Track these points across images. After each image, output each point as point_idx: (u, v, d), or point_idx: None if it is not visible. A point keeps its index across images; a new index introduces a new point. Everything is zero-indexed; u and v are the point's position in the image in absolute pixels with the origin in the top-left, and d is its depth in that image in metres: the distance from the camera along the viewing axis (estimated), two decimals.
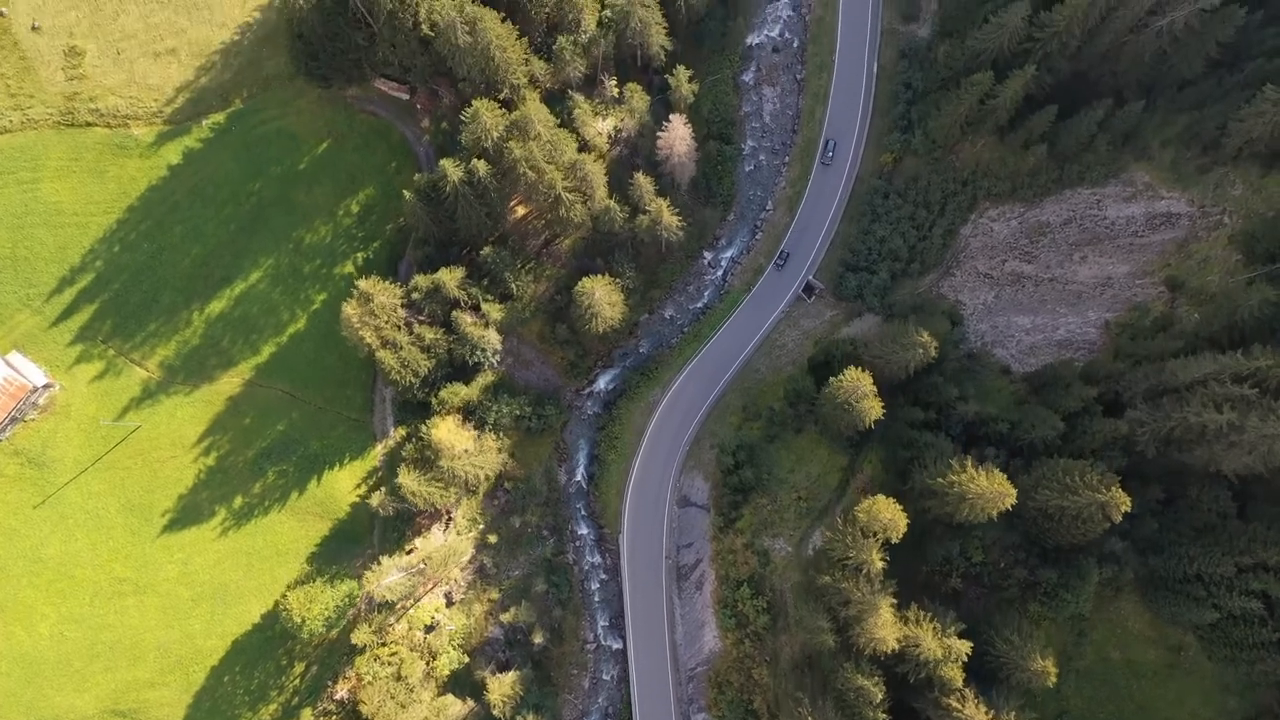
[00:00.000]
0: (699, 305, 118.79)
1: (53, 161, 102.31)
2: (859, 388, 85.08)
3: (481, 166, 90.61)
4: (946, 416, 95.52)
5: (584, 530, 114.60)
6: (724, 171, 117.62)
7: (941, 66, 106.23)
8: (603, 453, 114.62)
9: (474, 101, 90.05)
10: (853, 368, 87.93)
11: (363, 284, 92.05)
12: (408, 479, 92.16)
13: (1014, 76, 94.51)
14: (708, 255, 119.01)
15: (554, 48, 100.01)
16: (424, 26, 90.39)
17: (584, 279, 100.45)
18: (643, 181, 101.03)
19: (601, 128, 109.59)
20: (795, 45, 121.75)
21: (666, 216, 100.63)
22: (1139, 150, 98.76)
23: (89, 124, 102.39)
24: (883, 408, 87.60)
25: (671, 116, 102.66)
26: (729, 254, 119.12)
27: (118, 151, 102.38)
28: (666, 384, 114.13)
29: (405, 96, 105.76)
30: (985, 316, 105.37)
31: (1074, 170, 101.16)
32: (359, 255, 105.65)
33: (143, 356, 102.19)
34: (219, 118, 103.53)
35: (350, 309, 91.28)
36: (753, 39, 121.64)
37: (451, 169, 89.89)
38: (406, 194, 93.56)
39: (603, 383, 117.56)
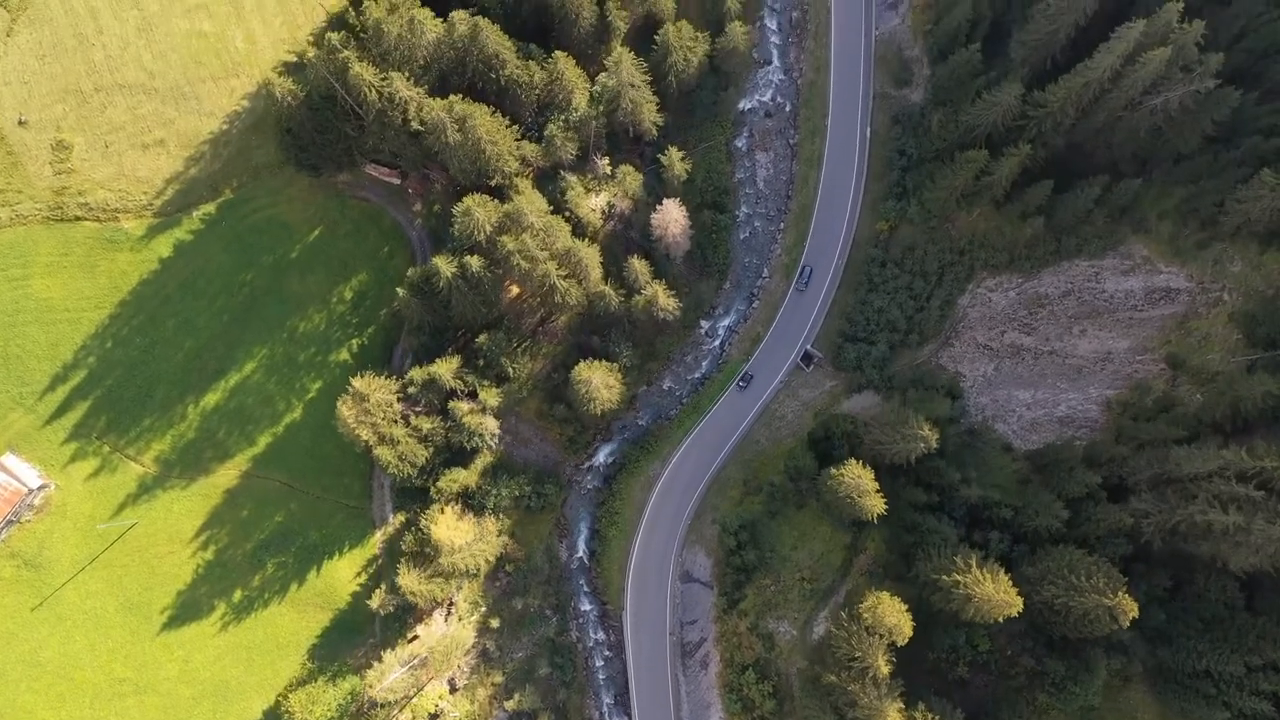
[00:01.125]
0: (697, 375, 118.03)
1: (43, 257, 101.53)
2: (861, 484, 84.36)
3: (474, 262, 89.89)
4: (949, 499, 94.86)
5: (587, 606, 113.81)
6: (719, 240, 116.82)
7: (935, 137, 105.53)
8: (604, 528, 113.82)
9: (465, 199, 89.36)
10: (854, 461, 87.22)
11: (357, 383, 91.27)
12: (408, 579, 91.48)
13: (1009, 155, 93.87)
14: (705, 324, 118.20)
15: (545, 133, 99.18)
16: (413, 123, 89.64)
17: (580, 365, 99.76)
18: (638, 266, 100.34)
19: (595, 204, 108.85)
20: (787, 109, 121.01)
21: (663, 299, 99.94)
22: (1136, 222, 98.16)
23: (78, 218, 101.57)
24: (885, 500, 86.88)
25: (665, 201, 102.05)
26: (726, 323, 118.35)
27: (108, 245, 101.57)
28: (666, 457, 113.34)
29: (396, 181, 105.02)
30: (985, 389, 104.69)
31: (1071, 242, 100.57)
32: (354, 342, 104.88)
33: (138, 452, 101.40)
34: (209, 208, 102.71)
35: (345, 409, 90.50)
36: (745, 104, 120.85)
37: (444, 265, 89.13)
38: (400, 291, 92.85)
39: (602, 456, 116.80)
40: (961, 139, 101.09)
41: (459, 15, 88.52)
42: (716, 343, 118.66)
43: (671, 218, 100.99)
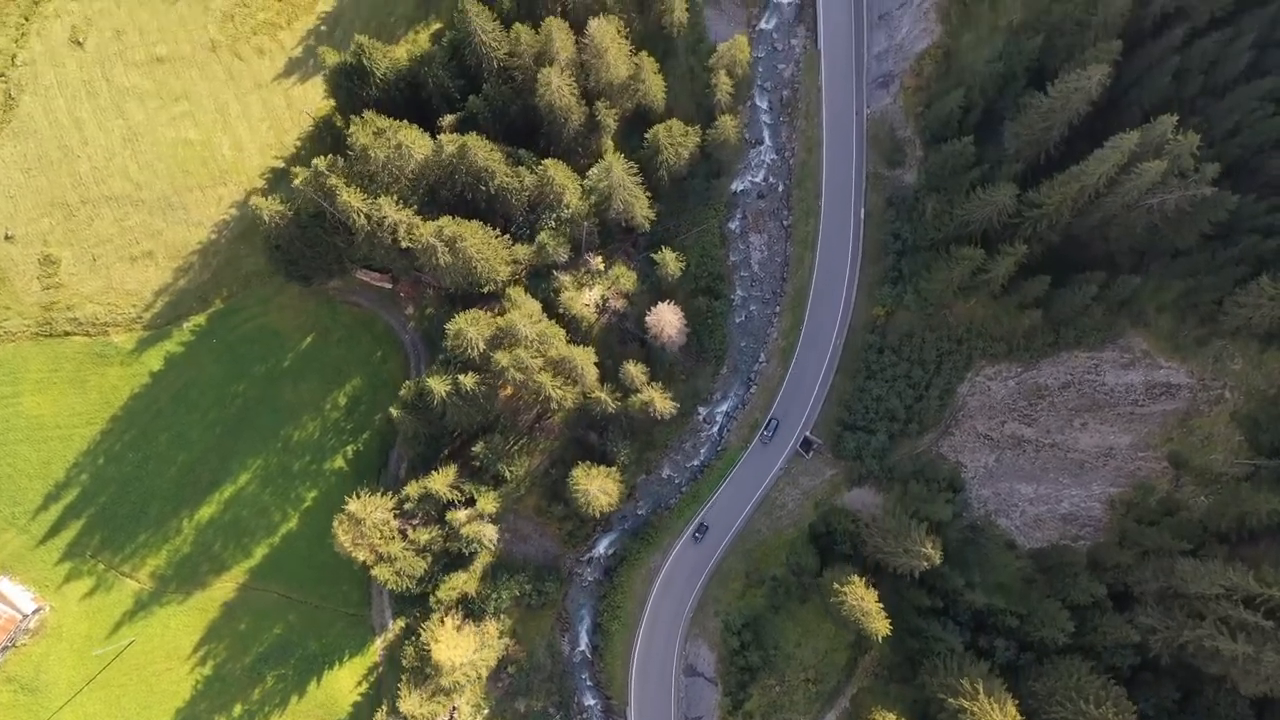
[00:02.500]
0: (696, 463, 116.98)
1: (32, 374, 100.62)
2: (864, 605, 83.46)
3: (468, 381, 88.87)
4: (953, 603, 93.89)
5: (591, 701, 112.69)
6: (715, 325, 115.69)
7: (930, 227, 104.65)
8: (605, 622, 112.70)
9: (456, 318, 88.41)
10: (855, 578, 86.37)
11: (352, 505, 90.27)
12: (409, 703, 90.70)
13: (1005, 254, 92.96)
14: (702, 411, 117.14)
15: (537, 240, 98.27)
16: (403, 242, 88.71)
17: (577, 470, 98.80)
18: (633, 370, 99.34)
19: (589, 298, 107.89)
20: (780, 190, 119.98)
21: (659, 403, 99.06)
22: (1135, 315, 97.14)
23: (67, 333, 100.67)
24: (890, 616, 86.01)
25: (659, 304, 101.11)
26: (724, 408, 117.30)
27: (98, 360, 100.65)
28: (666, 549, 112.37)
29: (388, 285, 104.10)
30: (987, 481, 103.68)
31: (1070, 334, 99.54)
32: (349, 448, 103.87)
33: (133, 568, 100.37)
34: (199, 319, 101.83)
35: (342, 533, 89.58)
36: (737, 185, 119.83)
37: (438, 385, 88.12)
38: (394, 411, 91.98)
39: (602, 548, 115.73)
40: (956, 232, 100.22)
41: (447, 137, 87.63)
42: (715, 429, 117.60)
43: (666, 320, 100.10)
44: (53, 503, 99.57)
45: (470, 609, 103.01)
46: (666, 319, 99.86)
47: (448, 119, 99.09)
